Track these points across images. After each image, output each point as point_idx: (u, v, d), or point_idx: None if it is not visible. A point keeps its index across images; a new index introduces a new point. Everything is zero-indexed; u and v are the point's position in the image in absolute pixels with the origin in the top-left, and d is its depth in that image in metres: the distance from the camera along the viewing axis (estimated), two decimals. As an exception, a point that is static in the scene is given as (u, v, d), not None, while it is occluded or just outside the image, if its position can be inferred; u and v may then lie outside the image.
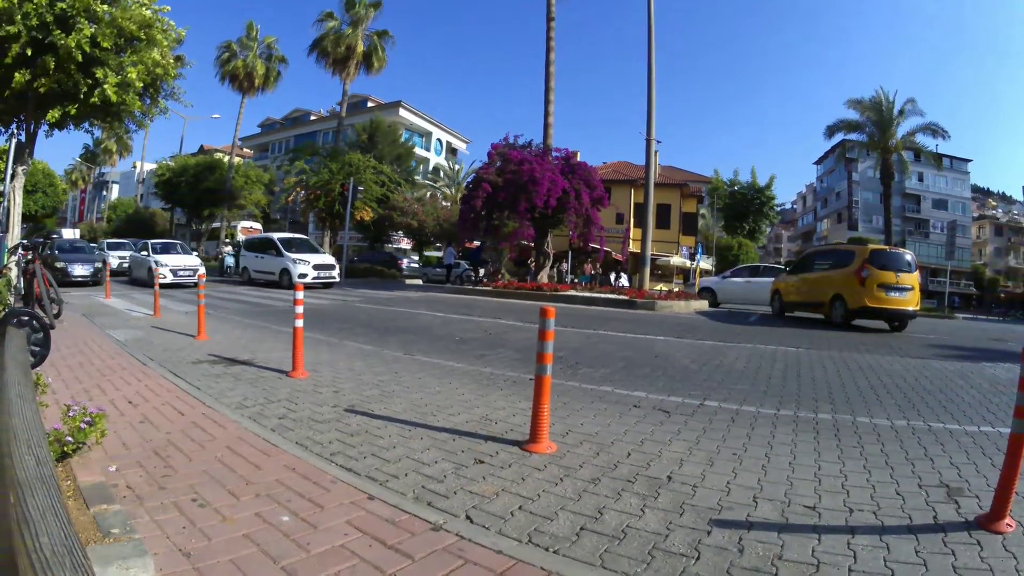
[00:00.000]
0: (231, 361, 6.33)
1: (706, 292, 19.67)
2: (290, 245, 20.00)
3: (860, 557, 2.31)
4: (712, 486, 3.00)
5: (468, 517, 2.63)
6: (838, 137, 39.06)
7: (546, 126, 22.63)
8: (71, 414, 3.21)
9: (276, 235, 21.54)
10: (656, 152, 21.37)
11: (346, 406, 4.54)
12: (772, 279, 16.99)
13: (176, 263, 18.64)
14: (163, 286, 16.43)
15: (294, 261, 18.78)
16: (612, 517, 2.62)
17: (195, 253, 24.66)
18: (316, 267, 19.09)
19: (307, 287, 17.04)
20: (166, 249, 20.15)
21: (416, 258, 37.89)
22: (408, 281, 27.82)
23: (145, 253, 19.62)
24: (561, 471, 3.20)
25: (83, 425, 3.18)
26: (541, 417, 3.53)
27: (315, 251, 20.86)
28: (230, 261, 26.67)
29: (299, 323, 5.76)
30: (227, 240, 30.88)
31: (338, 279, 20.61)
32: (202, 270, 18.73)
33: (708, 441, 3.77)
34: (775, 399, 5.08)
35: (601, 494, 2.88)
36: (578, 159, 21.20)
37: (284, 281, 18.88)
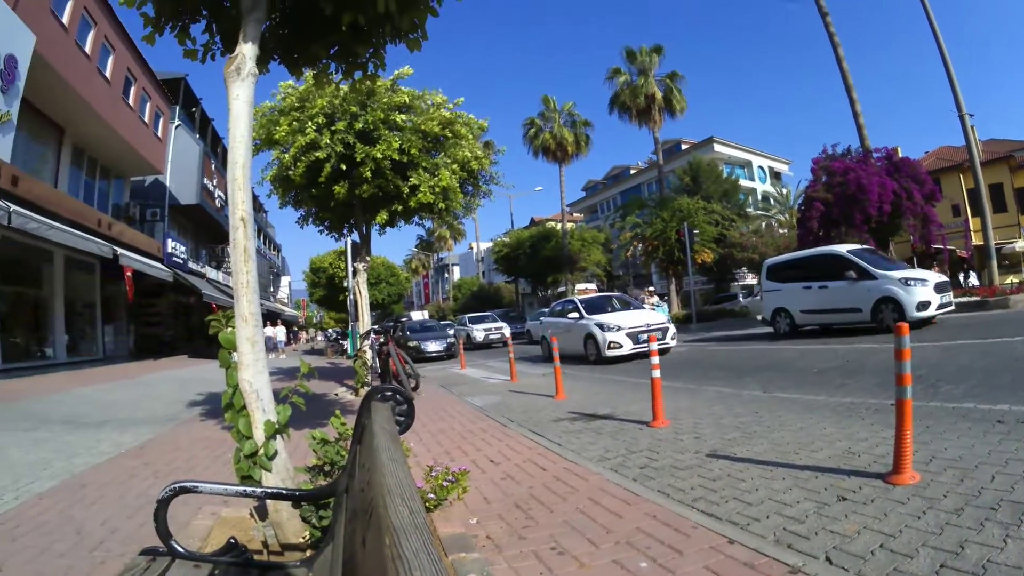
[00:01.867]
0: (591, 417, 6.75)
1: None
2: (865, 259, 13.03)
3: None
4: (1073, 509, 2.78)
5: (827, 558, 2.62)
6: None
7: (858, 127, 22.00)
8: (433, 474, 3.74)
9: (843, 248, 13.89)
10: (972, 127, 19.42)
11: (707, 451, 4.63)
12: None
13: (632, 323, 12.95)
14: (619, 359, 12.55)
15: (905, 283, 11.73)
16: (973, 551, 2.50)
17: (648, 305, 17.30)
18: (938, 287, 11.88)
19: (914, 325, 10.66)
20: (597, 307, 14.47)
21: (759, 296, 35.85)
22: (758, 316, 21.36)
23: (575, 316, 14.24)
24: (924, 503, 3.09)
25: (445, 483, 3.67)
26: (903, 446, 3.44)
27: (900, 266, 13.83)
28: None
29: (656, 373, 5.93)
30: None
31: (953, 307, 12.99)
32: (673, 328, 13.75)
33: (1073, 456, 3.54)
34: None
35: (963, 526, 2.76)
36: (899, 155, 20.68)
37: (884, 320, 11.74)
